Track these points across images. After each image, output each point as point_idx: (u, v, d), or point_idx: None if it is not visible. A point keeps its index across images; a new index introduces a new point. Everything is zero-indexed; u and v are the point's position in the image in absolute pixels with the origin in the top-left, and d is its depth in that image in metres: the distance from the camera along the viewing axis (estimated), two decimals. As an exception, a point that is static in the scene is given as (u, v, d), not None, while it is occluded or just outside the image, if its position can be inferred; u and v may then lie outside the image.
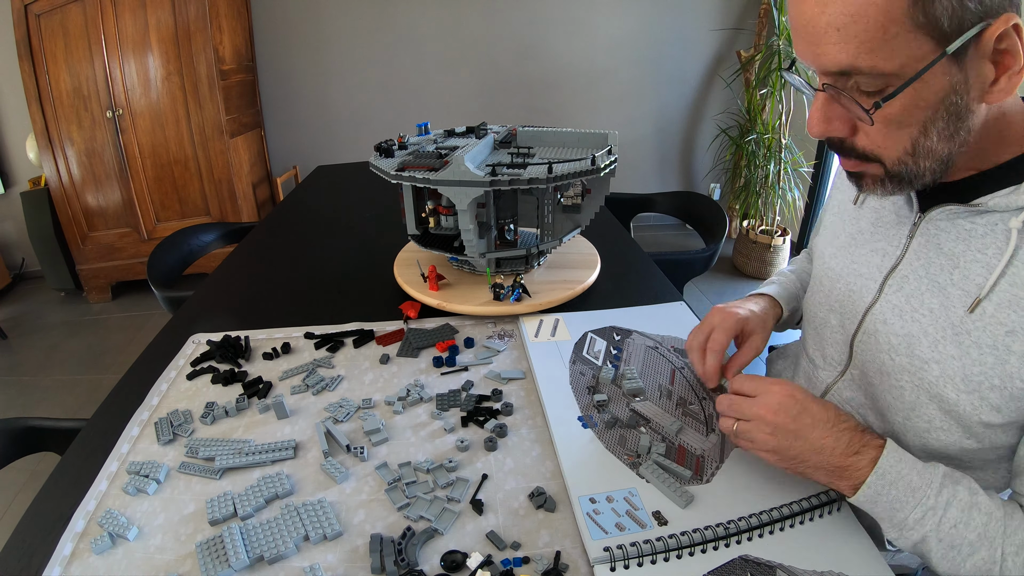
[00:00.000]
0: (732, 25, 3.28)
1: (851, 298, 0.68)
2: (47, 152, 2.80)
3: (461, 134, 1.17)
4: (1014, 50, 0.47)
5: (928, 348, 0.58)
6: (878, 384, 0.64)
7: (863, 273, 0.67)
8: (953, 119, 0.50)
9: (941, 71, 0.47)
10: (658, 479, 0.63)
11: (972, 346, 0.54)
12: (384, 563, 0.54)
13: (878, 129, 0.52)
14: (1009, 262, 0.52)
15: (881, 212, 0.67)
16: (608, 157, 0.97)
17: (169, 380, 0.85)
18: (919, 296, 0.59)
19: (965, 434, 0.57)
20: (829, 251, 0.74)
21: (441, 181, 0.88)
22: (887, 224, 0.66)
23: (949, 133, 0.51)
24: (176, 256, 1.59)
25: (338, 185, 1.99)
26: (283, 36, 3.23)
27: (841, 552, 0.56)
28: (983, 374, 0.54)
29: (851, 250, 0.70)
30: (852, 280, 0.68)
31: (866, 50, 0.47)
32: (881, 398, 0.64)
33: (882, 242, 0.66)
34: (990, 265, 0.54)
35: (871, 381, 0.66)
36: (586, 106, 3.43)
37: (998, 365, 0.53)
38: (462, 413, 0.76)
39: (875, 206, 0.69)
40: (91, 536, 0.59)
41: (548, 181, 0.89)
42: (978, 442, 0.57)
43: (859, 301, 0.67)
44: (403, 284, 1.07)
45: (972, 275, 0.55)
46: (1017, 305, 0.52)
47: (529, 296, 1.00)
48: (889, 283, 0.63)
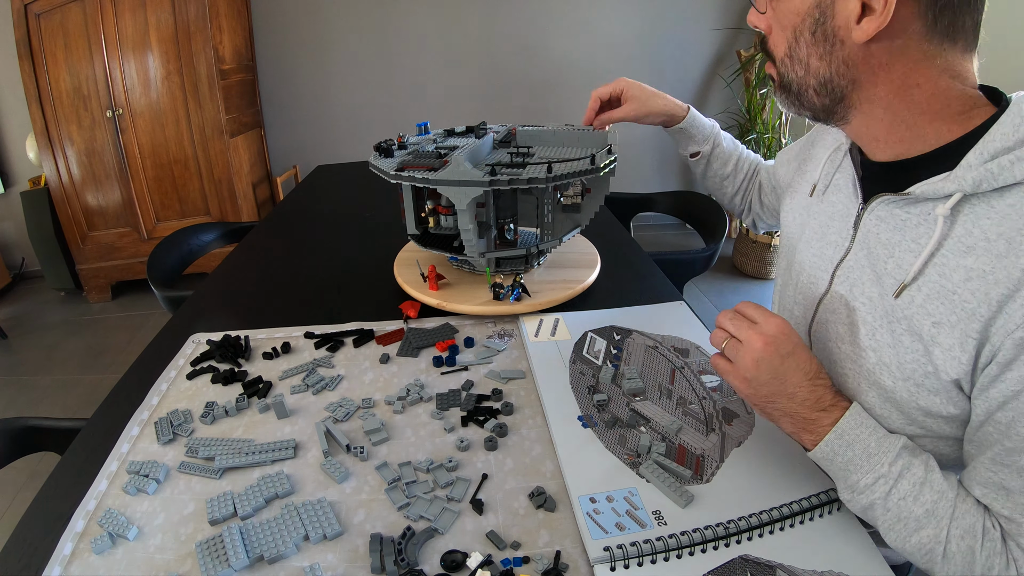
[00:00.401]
0: (732, 25, 3.28)
1: (810, 289, 0.70)
2: (47, 152, 2.80)
3: (461, 134, 1.17)
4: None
5: (866, 336, 0.59)
6: (831, 373, 0.64)
7: (818, 265, 0.69)
8: (820, 37, 0.56)
9: None
10: (658, 479, 0.63)
11: (904, 334, 0.55)
12: (384, 563, 0.54)
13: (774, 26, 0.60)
14: (936, 250, 0.53)
15: (836, 206, 0.69)
16: (608, 156, 0.97)
17: (169, 380, 0.85)
18: (860, 285, 0.61)
19: (906, 420, 0.57)
20: (800, 246, 0.75)
21: (440, 181, 0.88)
22: (840, 216, 0.68)
23: (820, 52, 0.56)
24: (176, 256, 1.59)
25: (338, 185, 1.99)
26: (283, 36, 3.23)
27: (841, 552, 0.56)
28: (915, 362, 0.54)
29: (813, 243, 0.72)
30: (811, 272, 0.71)
31: None
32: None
33: (834, 235, 0.68)
34: (920, 254, 0.54)
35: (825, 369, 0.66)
36: (586, 106, 3.43)
37: (926, 354, 0.53)
38: (462, 413, 0.76)
39: (832, 199, 0.70)
40: (91, 536, 0.59)
41: (547, 181, 0.89)
42: (921, 428, 0.57)
43: (814, 292, 0.69)
44: (403, 284, 1.07)
45: (904, 264, 0.56)
46: (944, 296, 0.51)
47: (529, 296, 1.00)
48: (838, 274, 0.65)
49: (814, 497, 0.61)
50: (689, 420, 0.73)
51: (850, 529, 0.58)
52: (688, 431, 0.71)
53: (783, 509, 0.59)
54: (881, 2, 0.50)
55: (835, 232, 0.68)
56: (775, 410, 0.59)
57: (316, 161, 3.34)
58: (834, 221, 0.68)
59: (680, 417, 0.74)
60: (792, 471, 0.65)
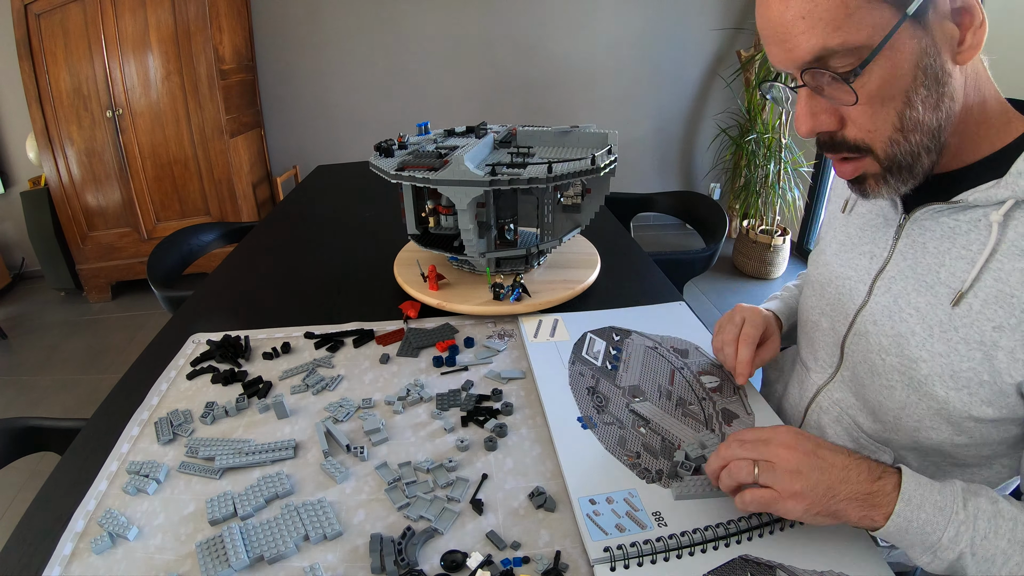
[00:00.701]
0: (732, 25, 3.28)
1: (841, 300, 0.69)
2: (47, 152, 2.80)
3: (461, 134, 1.17)
4: (969, 6, 0.48)
5: (916, 347, 0.58)
6: (869, 384, 0.65)
7: (852, 276, 0.68)
8: (933, 85, 0.50)
9: (908, 35, 0.48)
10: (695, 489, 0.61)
11: (960, 342, 0.55)
12: (384, 563, 0.54)
13: (863, 111, 0.52)
14: (991, 256, 0.53)
15: (868, 217, 0.68)
16: (608, 156, 0.97)
17: (169, 380, 0.85)
18: (906, 296, 0.60)
19: (955, 431, 0.58)
20: (821, 259, 0.75)
21: (441, 181, 0.88)
22: (874, 227, 0.67)
23: (933, 101, 0.51)
24: (176, 256, 1.59)
25: (338, 185, 1.99)
26: (283, 36, 3.23)
27: (841, 552, 0.56)
28: (972, 370, 0.54)
29: (841, 255, 0.71)
30: (842, 283, 0.69)
31: (832, 28, 0.48)
32: (872, 398, 0.65)
33: (869, 245, 0.67)
34: (974, 261, 0.54)
35: (862, 382, 0.66)
36: (586, 106, 3.43)
37: (986, 361, 0.53)
38: (462, 413, 0.76)
39: (862, 212, 0.70)
40: (91, 536, 0.59)
41: (548, 181, 0.89)
42: (968, 437, 0.57)
43: (849, 303, 0.68)
44: (403, 284, 1.07)
45: (958, 272, 0.55)
46: (1003, 300, 0.52)
47: (529, 296, 1.00)
48: (878, 285, 0.64)
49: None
50: (689, 421, 0.73)
51: (850, 529, 0.58)
52: (687, 430, 0.71)
53: (783, 509, 0.60)
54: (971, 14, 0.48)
55: (869, 242, 0.67)
56: (838, 502, 0.51)
57: (316, 161, 3.35)
58: (866, 232, 0.68)
59: (680, 418, 0.74)
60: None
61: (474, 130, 1.15)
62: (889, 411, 0.62)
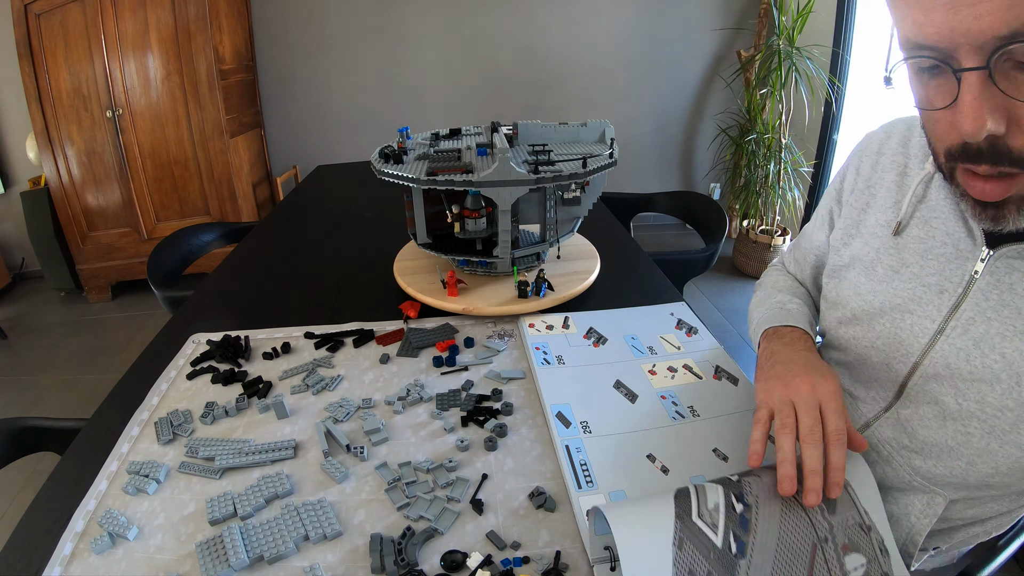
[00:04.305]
0: (732, 25, 3.28)
1: (897, 336, 0.61)
2: (47, 152, 2.80)
3: (446, 137, 1.16)
4: None
5: (1001, 395, 0.53)
6: (937, 428, 0.59)
7: (914, 311, 0.60)
8: None
9: None
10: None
11: None
12: (384, 563, 0.54)
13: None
14: None
15: (929, 242, 0.59)
16: (615, 147, 1.01)
17: (169, 380, 0.85)
18: (989, 340, 0.54)
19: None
20: (865, 284, 0.66)
21: (486, 182, 0.88)
22: (940, 257, 0.58)
23: None
24: (176, 256, 1.59)
25: (338, 185, 1.99)
26: (283, 36, 3.24)
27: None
28: None
29: (893, 283, 0.62)
30: (900, 317, 0.61)
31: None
32: (939, 441, 0.59)
33: (935, 276, 0.58)
34: None
35: (927, 424, 0.60)
36: (586, 105, 3.44)
37: None
38: (462, 413, 0.76)
39: (919, 235, 0.60)
40: (91, 536, 0.59)
41: (586, 175, 0.92)
42: None
43: (912, 341, 0.60)
44: (403, 284, 1.07)
45: None
46: None
47: (553, 290, 1.01)
48: (951, 324, 0.56)
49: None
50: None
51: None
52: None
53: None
54: None
55: (935, 274, 0.58)
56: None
57: (316, 161, 3.34)
58: (930, 261, 0.59)
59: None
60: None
61: (458, 132, 1.15)
62: (962, 456, 0.58)
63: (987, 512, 0.63)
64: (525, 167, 0.91)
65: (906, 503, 0.64)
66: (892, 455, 0.64)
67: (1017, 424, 0.53)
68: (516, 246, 1.05)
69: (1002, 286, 0.53)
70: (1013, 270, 0.53)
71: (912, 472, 0.62)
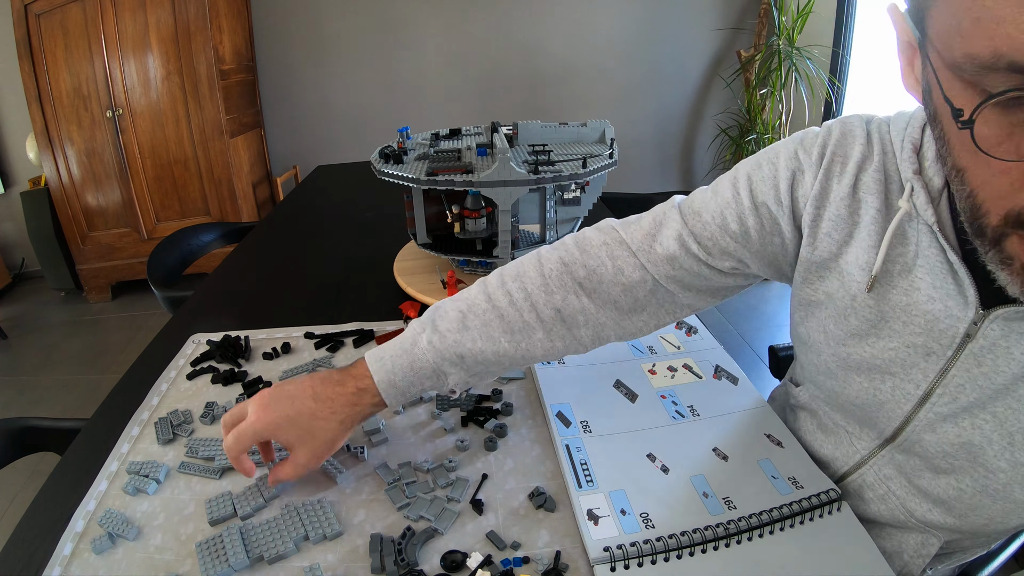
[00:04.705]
0: (732, 25, 3.28)
1: (877, 399, 0.56)
2: (47, 152, 2.80)
3: (446, 137, 1.16)
4: None
5: (993, 456, 0.50)
6: (931, 480, 0.56)
7: (895, 372, 0.54)
8: None
9: None
10: None
11: None
12: (384, 563, 0.54)
13: None
14: None
15: (914, 295, 0.51)
16: (615, 147, 1.01)
17: (169, 380, 0.85)
18: (981, 404, 0.50)
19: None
20: (835, 332, 0.58)
21: (486, 182, 0.88)
22: (926, 316, 0.51)
23: None
24: (176, 256, 1.59)
25: (338, 185, 1.99)
26: (283, 36, 3.24)
27: (841, 552, 0.56)
28: None
29: (869, 340, 0.55)
30: (880, 378, 0.55)
31: None
32: (934, 492, 0.56)
33: (921, 337, 0.51)
34: None
35: (920, 475, 0.57)
36: (586, 106, 3.44)
37: None
38: (462, 413, 0.76)
39: (903, 286, 0.52)
40: (91, 536, 0.59)
41: (586, 175, 0.91)
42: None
43: (895, 408, 0.55)
44: (403, 284, 1.07)
45: None
46: None
47: None
48: (938, 391, 0.51)
49: (814, 497, 0.60)
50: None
51: (850, 529, 0.58)
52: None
53: (783, 509, 0.59)
54: None
55: (920, 334, 0.51)
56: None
57: (316, 161, 3.34)
58: (914, 318, 0.51)
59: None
60: (793, 471, 0.65)
61: (458, 132, 1.15)
62: (954, 509, 0.55)
63: (982, 543, 0.63)
64: (525, 167, 0.91)
65: (900, 540, 0.62)
66: (887, 495, 0.61)
67: (1010, 484, 0.50)
68: (516, 246, 1.05)
69: (997, 350, 0.47)
70: (1010, 332, 0.47)
71: (907, 514, 0.59)
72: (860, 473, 0.62)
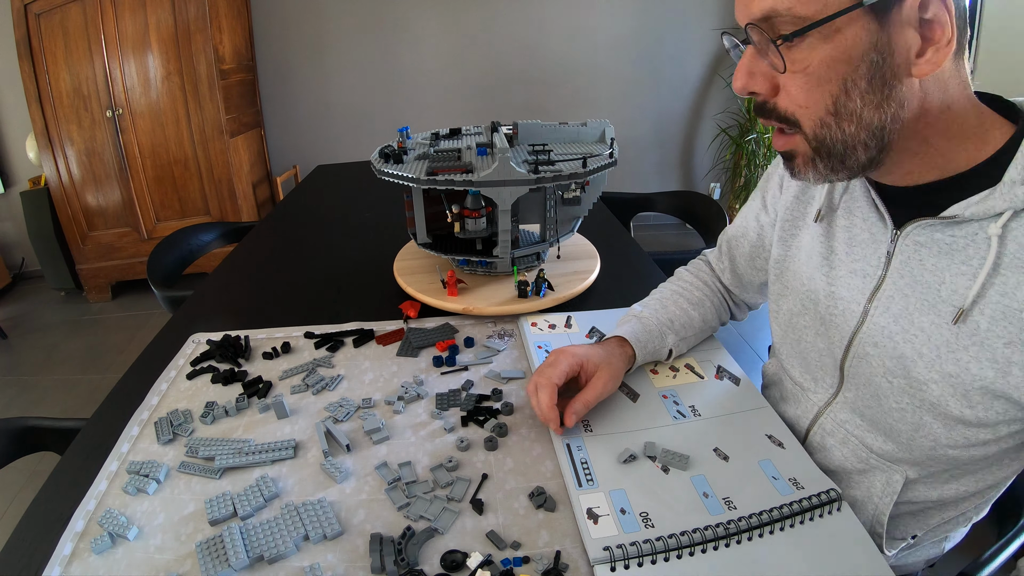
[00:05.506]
0: (732, 25, 3.27)
1: (834, 321, 0.66)
2: (47, 152, 2.80)
3: (446, 136, 1.16)
4: (941, 21, 0.46)
5: (925, 368, 0.56)
6: (876, 407, 0.62)
7: (844, 296, 0.64)
8: (877, 83, 0.49)
9: (860, 25, 0.47)
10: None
11: (971, 362, 0.52)
12: (384, 563, 0.54)
13: (798, 83, 0.51)
14: (994, 271, 0.50)
15: (853, 231, 0.64)
16: (615, 147, 1.01)
17: (169, 380, 0.85)
18: (908, 316, 0.57)
19: (972, 443, 0.56)
20: (804, 270, 0.70)
21: (486, 182, 0.88)
22: (861, 243, 0.63)
23: (875, 100, 0.49)
24: (176, 256, 1.59)
25: (338, 185, 1.99)
26: (283, 36, 3.24)
27: (841, 552, 0.56)
28: (985, 389, 0.52)
29: (826, 271, 0.67)
30: (833, 303, 0.66)
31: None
32: (882, 420, 0.62)
33: (860, 262, 0.63)
34: (975, 276, 0.52)
35: (868, 404, 0.64)
36: (586, 105, 3.44)
37: (1000, 379, 0.51)
38: (462, 413, 0.76)
39: (844, 225, 0.66)
40: (91, 536, 0.59)
41: (586, 175, 0.92)
42: (985, 450, 0.57)
43: (844, 325, 0.65)
44: (403, 284, 1.07)
45: (960, 288, 0.53)
46: (1011, 316, 0.49)
47: (553, 290, 1.01)
48: (874, 305, 0.61)
49: (814, 497, 0.61)
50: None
51: (850, 529, 0.58)
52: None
53: (783, 509, 0.59)
54: (941, 29, 0.46)
55: (859, 259, 0.63)
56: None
57: (316, 161, 3.34)
58: (854, 248, 0.64)
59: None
60: (793, 472, 0.65)
61: (457, 132, 1.15)
62: (902, 432, 0.60)
63: (951, 493, 0.64)
64: (525, 167, 0.91)
65: (867, 485, 0.66)
66: (847, 437, 0.67)
67: (943, 396, 0.55)
68: (516, 246, 1.05)
69: (912, 262, 0.57)
70: (920, 246, 0.56)
71: (867, 451, 0.65)
72: (820, 424, 0.70)
